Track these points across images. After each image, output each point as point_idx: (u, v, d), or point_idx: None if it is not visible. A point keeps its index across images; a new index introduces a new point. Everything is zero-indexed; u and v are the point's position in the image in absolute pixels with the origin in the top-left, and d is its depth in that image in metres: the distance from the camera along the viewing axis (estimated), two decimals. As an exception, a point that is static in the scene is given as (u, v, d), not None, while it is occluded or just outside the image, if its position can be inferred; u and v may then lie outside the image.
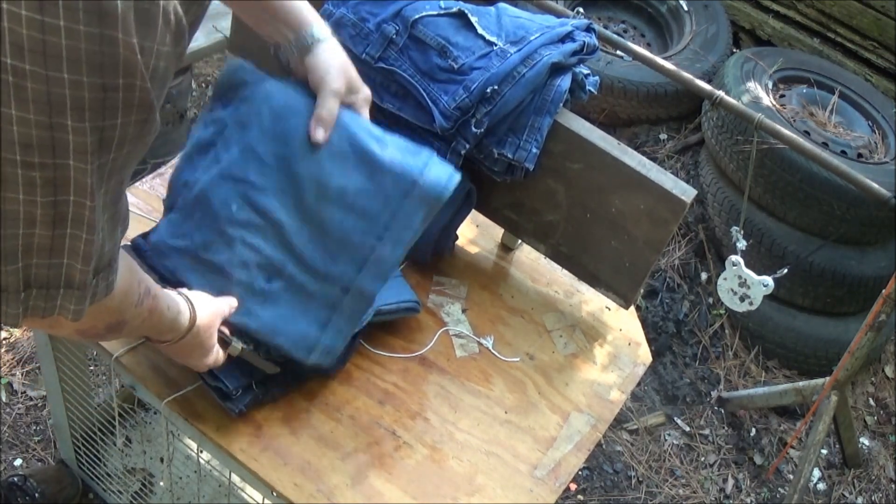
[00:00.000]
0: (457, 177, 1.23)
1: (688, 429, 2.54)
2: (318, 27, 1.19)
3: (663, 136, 3.16)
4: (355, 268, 1.22)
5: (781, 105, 2.75)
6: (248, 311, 1.20)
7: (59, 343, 1.50)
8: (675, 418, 2.56)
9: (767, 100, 2.67)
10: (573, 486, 2.30)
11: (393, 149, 1.21)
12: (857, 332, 2.16)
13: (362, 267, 1.22)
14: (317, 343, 1.23)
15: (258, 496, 1.33)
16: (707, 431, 2.55)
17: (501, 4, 1.48)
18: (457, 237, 1.58)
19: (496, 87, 1.34)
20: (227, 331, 1.17)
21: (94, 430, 1.68)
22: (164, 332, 1.05)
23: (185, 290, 1.12)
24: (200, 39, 2.49)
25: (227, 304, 1.17)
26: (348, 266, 1.21)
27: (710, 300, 2.78)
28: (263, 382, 1.25)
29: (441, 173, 1.22)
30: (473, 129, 1.36)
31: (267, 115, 1.18)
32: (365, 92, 1.24)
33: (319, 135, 1.17)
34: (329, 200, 1.19)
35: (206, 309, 1.11)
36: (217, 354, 1.16)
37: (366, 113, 1.24)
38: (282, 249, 1.21)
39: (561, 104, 1.38)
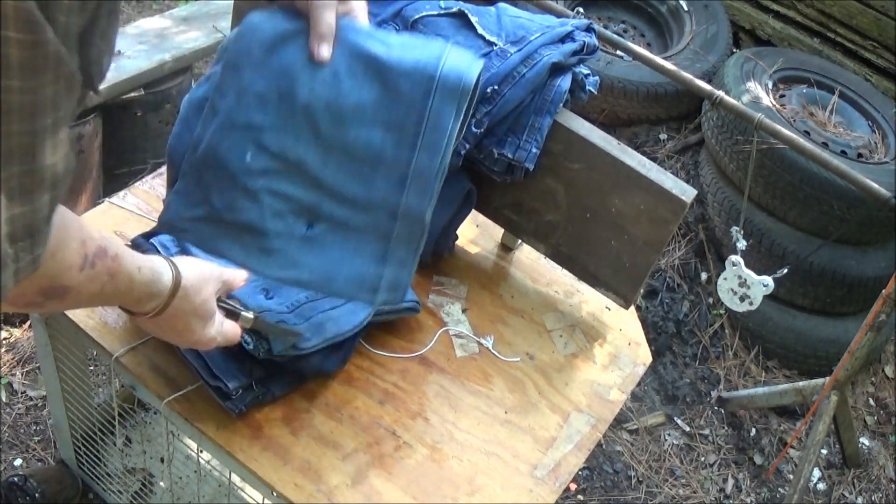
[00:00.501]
0: (478, 62, 1.10)
1: (688, 429, 2.54)
2: None
3: (663, 136, 3.16)
4: (397, 188, 1.10)
5: (781, 105, 2.75)
6: (295, 262, 1.11)
7: (59, 343, 1.50)
8: (675, 418, 2.56)
9: (767, 100, 2.67)
10: (573, 486, 2.30)
11: (400, 49, 1.08)
12: (857, 332, 2.16)
13: (404, 185, 1.10)
14: (379, 280, 1.13)
15: (258, 496, 1.33)
16: (707, 431, 2.55)
17: (501, 4, 1.48)
18: (457, 237, 1.58)
19: (496, 87, 1.34)
20: (234, 303, 1.11)
21: (94, 430, 1.68)
22: (141, 299, 0.96)
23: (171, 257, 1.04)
24: (201, 39, 2.50)
25: (227, 272, 1.08)
26: (389, 188, 1.10)
27: (710, 300, 2.78)
28: (263, 382, 1.25)
29: (459, 61, 1.09)
30: (473, 129, 1.36)
31: (257, 49, 1.07)
32: None
33: (324, 51, 1.05)
34: (347, 122, 1.08)
35: (195, 269, 1.02)
36: (222, 326, 1.08)
37: (364, 17, 1.11)
38: (312, 189, 1.10)
39: (561, 104, 1.38)
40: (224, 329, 1.09)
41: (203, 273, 1.04)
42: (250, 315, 1.11)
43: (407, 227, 1.12)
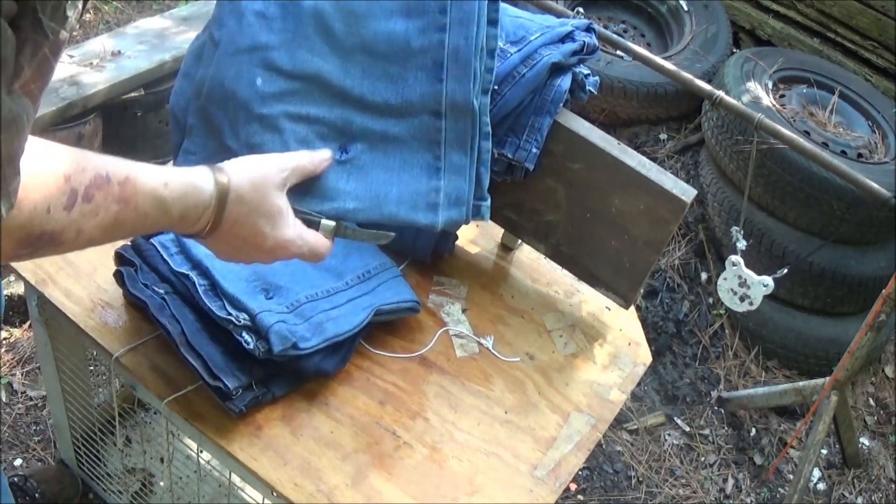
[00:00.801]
0: None
1: (688, 429, 2.54)
2: None
3: (663, 136, 3.16)
4: (434, 79, 0.97)
5: (781, 105, 2.75)
6: (337, 192, 0.98)
7: (59, 343, 1.50)
8: (675, 418, 2.56)
9: (767, 100, 2.67)
10: (573, 486, 2.30)
11: None
12: (857, 332, 2.16)
13: (441, 73, 0.97)
14: (437, 194, 1.00)
15: (258, 496, 1.33)
16: (707, 431, 2.55)
17: (501, 4, 1.48)
18: (457, 237, 1.58)
19: (496, 87, 1.34)
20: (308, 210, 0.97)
21: (94, 430, 1.68)
22: (186, 215, 0.85)
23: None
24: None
25: (296, 156, 0.93)
26: (425, 81, 0.97)
27: (710, 300, 2.78)
28: (263, 382, 1.25)
29: None
30: (473, 129, 1.36)
31: None
32: None
33: None
34: (362, 17, 0.96)
35: (248, 165, 0.90)
36: (307, 235, 0.95)
37: None
38: (338, 104, 0.97)
39: (561, 104, 1.38)
40: (306, 236, 0.96)
41: (261, 166, 0.91)
42: (331, 223, 0.96)
43: (456, 124, 0.99)
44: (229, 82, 0.97)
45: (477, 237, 1.64)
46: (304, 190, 0.98)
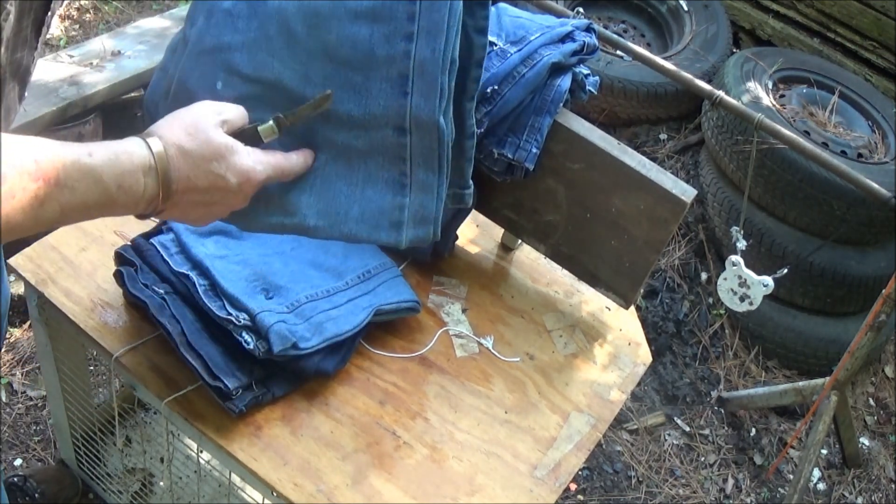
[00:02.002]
0: None
1: (688, 429, 2.54)
2: None
3: (663, 136, 3.16)
4: (398, 91, 0.91)
5: (781, 105, 2.75)
6: (296, 207, 0.94)
7: (59, 343, 1.50)
8: (675, 418, 2.56)
9: (767, 100, 2.67)
10: (573, 486, 2.30)
11: None
12: (857, 332, 2.16)
13: (406, 85, 0.91)
14: (401, 212, 0.95)
15: (258, 496, 1.33)
16: (707, 431, 2.55)
17: (501, 4, 1.48)
18: (457, 237, 1.58)
19: (496, 87, 1.34)
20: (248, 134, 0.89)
21: (94, 430, 1.68)
22: (121, 182, 0.80)
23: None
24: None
25: (221, 105, 0.88)
26: (389, 93, 0.91)
27: (710, 300, 2.78)
28: (263, 382, 1.25)
29: None
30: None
31: None
32: None
33: None
34: (325, 19, 0.91)
35: (178, 119, 0.85)
36: (265, 157, 0.89)
37: None
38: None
39: (561, 104, 1.38)
40: (264, 158, 0.90)
41: (190, 112, 0.86)
42: (269, 123, 0.90)
43: (422, 140, 0.93)
44: (192, 84, 0.94)
45: (477, 237, 1.64)
46: (266, 202, 0.95)
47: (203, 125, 0.85)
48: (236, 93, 0.92)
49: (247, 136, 0.89)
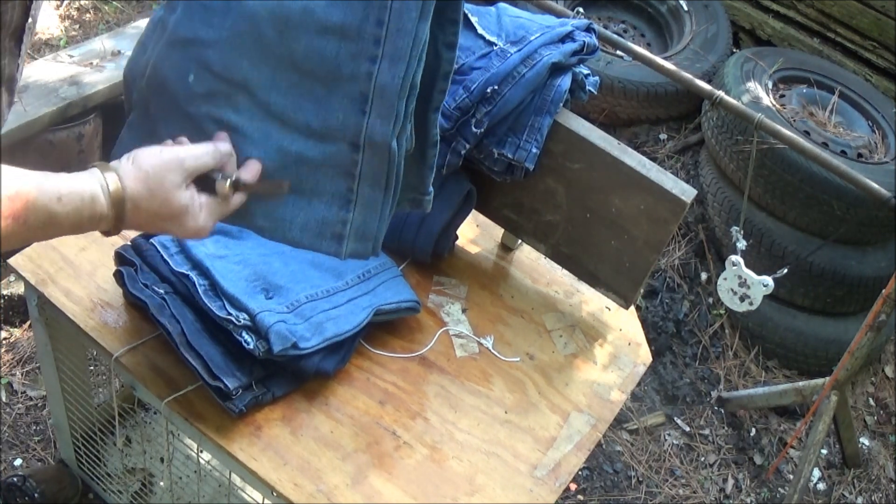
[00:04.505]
0: None
1: (688, 429, 2.54)
2: None
3: (663, 136, 3.16)
4: (357, 109, 0.94)
5: (781, 105, 2.75)
6: (246, 207, 0.97)
7: (59, 343, 1.50)
8: (675, 418, 2.56)
9: (767, 100, 2.67)
10: (573, 486, 2.30)
11: None
12: (857, 332, 2.16)
13: (365, 105, 0.93)
14: (344, 226, 0.98)
15: (258, 496, 1.33)
16: (707, 431, 2.55)
17: (501, 4, 1.49)
18: (457, 237, 1.58)
19: (496, 88, 1.34)
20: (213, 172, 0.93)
21: (94, 430, 1.68)
22: (82, 225, 0.86)
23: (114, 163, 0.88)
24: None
25: (190, 156, 0.91)
26: (348, 109, 0.93)
27: (710, 300, 2.78)
28: (263, 382, 1.25)
29: None
30: (473, 129, 1.36)
31: None
32: None
33: None
34: (294, 29, 0.92)
35: (141, 173, 0.88)
36: (206, 211, 0.93)
37: None
38: (260, 117, 0.95)
39: (561, 104, 1.38)
40: (209, 211, 0.94)
41: (158, 169, 0.89)
42: (226, 182, 0.92)
43: (372, 159, 0.96)
44: (165, 72, 0.95)
45: (477, 237, 1.64)
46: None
47: (167, 185, 0.89)
48: (205, 88, 0.94)
49: (207, 181, 0.93)
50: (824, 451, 2.59)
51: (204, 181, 0.93)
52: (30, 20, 0.89)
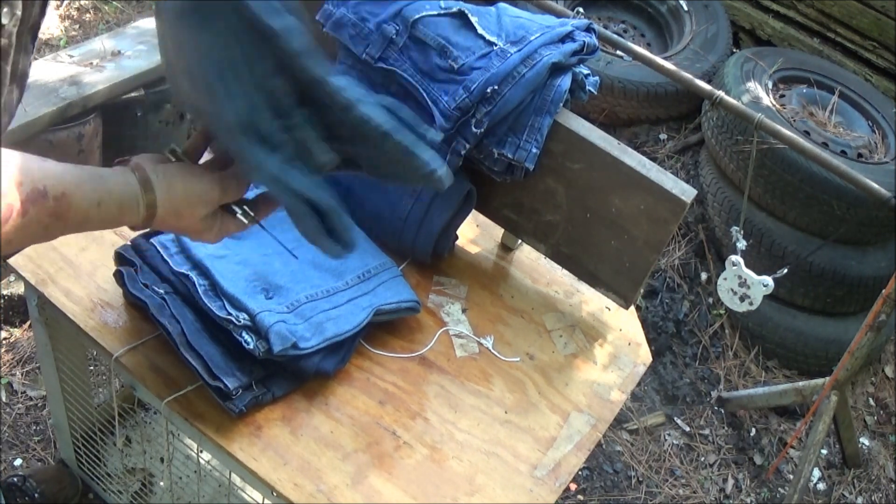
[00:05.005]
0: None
1: (688, 429, 2.54)
2: None
3: (663, 136, 3.16)
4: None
5: (781, 105, 2.75)
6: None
7: (59, 343, 1.50)
8: (675, 418, 2.56)
9: (767, 100, 2.67)
10: (573, 486, 2.30)
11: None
12: (857, 332, 2.16)
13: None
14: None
15: (258, 496, 1.33)
16: (707, 431, 2.55)
17: (501, 4, 1.48)
18: (457, 237, 1.58)
19: (496, 88, 1.34)
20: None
21: (94, 430, 1.68)
22: (110, 223, 0.91)
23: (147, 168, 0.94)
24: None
25: (222, 194, 0.98)
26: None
27: (710, 300, 2.78)
28: (263, 382, 1.25)
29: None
30: (473, 129, 1.36)
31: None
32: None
33: None
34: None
35: (174, 196, 0.94)
36: (221, 231, 1.01)
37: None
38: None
39: (561, 104, 1.38)
40: (224, 232, 1.02)
41: (186, 199, 0.95)
42: (245, 221, 1.02)
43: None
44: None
45: (477, 237, 1.64)
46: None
47: (196, 214, 0.96)
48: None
49: (228, 209, 1.01)
50: (824, 451, 2.59)
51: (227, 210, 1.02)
52: (42, 18, 0.90)
